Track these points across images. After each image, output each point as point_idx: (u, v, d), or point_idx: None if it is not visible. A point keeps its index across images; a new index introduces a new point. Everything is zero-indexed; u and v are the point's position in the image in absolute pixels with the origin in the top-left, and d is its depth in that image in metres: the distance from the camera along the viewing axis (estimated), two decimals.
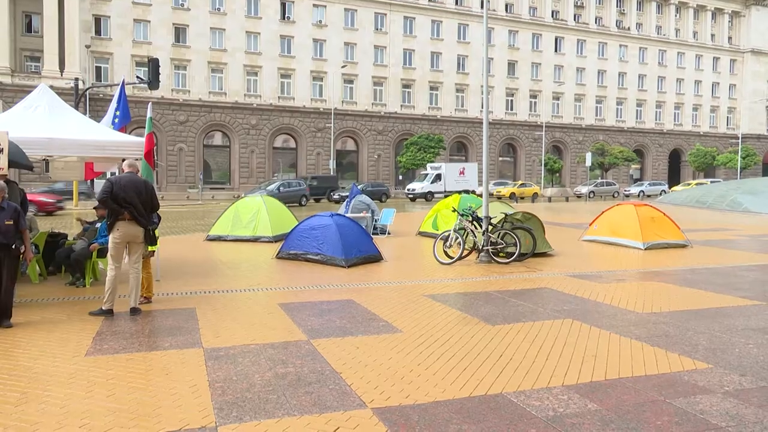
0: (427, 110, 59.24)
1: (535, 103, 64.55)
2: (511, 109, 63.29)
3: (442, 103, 60.10)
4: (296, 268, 11.14)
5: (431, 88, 59.71)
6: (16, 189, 8.41)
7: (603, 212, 15.78)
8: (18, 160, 7.77)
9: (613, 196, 50.86)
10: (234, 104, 51.40)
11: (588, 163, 53.25)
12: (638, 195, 50.71)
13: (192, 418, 4.21)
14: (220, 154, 53.31)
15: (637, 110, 69.69)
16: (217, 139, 53.00)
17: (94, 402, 4.48)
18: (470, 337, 6.36)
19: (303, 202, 36.92)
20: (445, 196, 22.53)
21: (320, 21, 54.78)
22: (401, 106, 58.27)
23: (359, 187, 22.12)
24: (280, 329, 6.68)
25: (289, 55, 53.64)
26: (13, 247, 6.70)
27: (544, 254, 12.83)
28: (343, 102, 55.52)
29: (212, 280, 9.86)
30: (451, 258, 11.77)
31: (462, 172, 47.79)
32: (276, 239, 14.44)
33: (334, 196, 40.41)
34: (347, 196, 18.03)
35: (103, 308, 7.23)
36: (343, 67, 53.86)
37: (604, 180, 56.92)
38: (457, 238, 11.92)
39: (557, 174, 62.67)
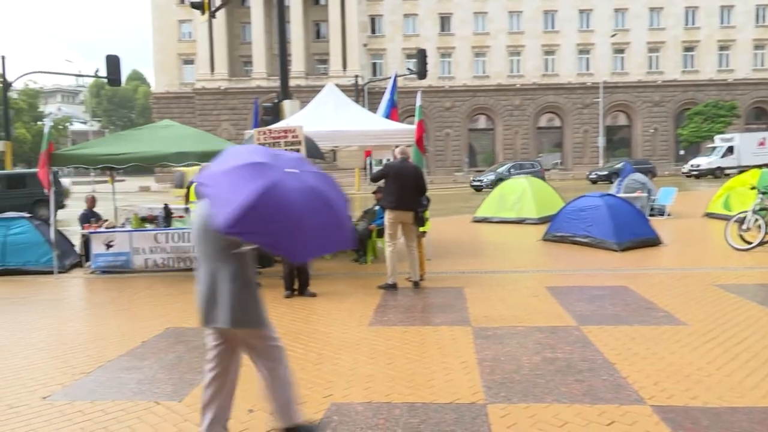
0: (714, 74, 51.88)
1: None
2: None
3: (735, 64, 51.94)
4: (563, 251, 10.77)
5: (720, 48, 52.04)
6: None
7: None
8: (312, 152, 8.94)
9: None
10: (497, 86, 51.67)
11: None
12: None
13: (462, 393, 4.35)
14: (485, 136, 54.18)
15: None
16: (481, 122, 53.95)
17: (376, 368, 4.93)
18: None
19: None
20: (740, 172, 19.48)
21: None
22: (682, 72, 52.01)
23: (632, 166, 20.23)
24: (547, 313, 6.52)
25: (552, 31, 51.84)
26: None
27: None
28: (612, 74, 51.72)
29: (479, 261, 10.07)
30: (748, 243, 10.15)
31: (762, 143, 40.74)
32: (541, 221, 14.17)
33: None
34: (619, 176, 16.77)
35: (388, 282, 7.96)
36: (612, 36, 50.08)
37: None
38: (756, 220, 10.22)
39: None
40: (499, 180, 31.26)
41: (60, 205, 18.34)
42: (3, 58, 23.40)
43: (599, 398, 4.18)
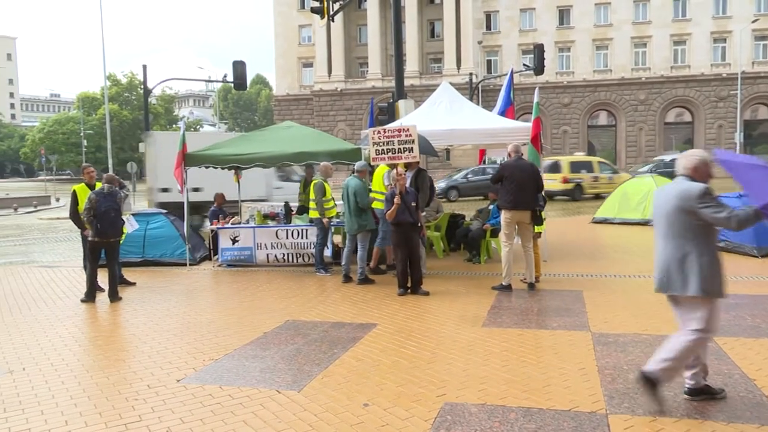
0: None
1: None
2: None
3: None
4: None
5: None
6: (426, 175, 9.67)
7: None
8: (425, 149, 8.99)
9: None
10: (620, 80, 49.00)
11: None
12: None
13: (581, 401, 4.17)
14: (605, 133, 51.61)
15: None
16: (602, 118, 51.43)
17: (490, 370, 4.85)
18: None
19: None
20: None
21: None
22: None
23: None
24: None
25: (683, 19, 48.29)
26: (419, 225, 7.90)
27: None
28: (753, 63, 47.30)
29: (599, 264, 9.62)
30: None
31: None
32: None
33: None
34: None
35: (503, 284, 7.81)
36: (754, 21, 45.80)
37: None
38: None
39: None
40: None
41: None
42: (144, 67, 25.54)
43: (736, 416, 3.84)
